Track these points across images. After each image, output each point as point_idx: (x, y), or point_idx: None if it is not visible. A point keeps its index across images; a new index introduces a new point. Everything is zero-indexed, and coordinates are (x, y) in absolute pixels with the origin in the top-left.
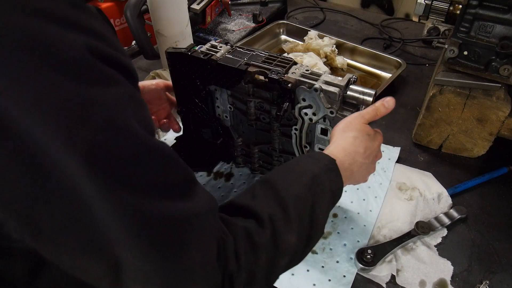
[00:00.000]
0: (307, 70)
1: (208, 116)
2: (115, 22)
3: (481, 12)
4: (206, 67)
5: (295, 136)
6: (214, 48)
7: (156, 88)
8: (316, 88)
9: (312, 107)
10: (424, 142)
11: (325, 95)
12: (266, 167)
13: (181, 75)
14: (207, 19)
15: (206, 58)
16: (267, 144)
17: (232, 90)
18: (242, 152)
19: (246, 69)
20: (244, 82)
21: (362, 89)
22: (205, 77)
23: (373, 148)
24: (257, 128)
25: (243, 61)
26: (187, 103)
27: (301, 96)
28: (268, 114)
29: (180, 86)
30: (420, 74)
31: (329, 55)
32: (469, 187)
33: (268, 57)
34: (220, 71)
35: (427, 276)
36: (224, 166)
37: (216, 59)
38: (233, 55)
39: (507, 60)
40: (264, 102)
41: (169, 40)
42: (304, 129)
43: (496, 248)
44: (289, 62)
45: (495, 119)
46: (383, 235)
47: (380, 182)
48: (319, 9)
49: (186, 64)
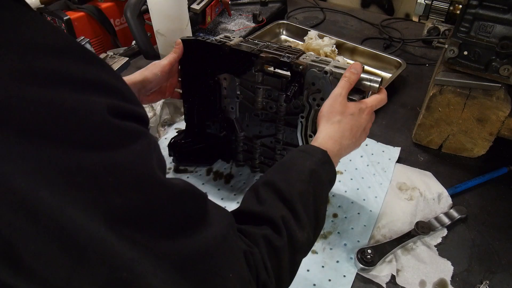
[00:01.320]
0: (317, 57)
1: (214, 107)
2: (115, 22)
3: (481, 12)
4: (219, 54)
5: (301, 124)
6: (227, 39)
7: (161, 64)
8: (326, 70)
9: (321, 92)
10: (424, 142)
11: (335, 78)
12: (267, 163)
13: (191, 63)
14: (207, 19)
15: (220, 44)
16: (271, 136)
17: (242, 78)
18: (244, 148)
19: (259, 54)
20: (255, 70)
21: (369, 76)
22: (217, 64)
23: (359, 125)
24: (262, 120)
25: (256, 48)
26: (194, 95)
27: (311, 80)
28: (275, 102)
29: (189, 76)
30: (420, 74)
31: (329, 55)
32: (469, 187)
33: (279, 47)
34: (232, 57)
35: (427, 276)
36: (224, 166)
37: (229, 45)
38: (246, 44)
39: (507, 60)
40: (272, 90)
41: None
42: (311, 117)
43: (496, 248)
44: (300, 52)
45: (495, 119)
46: (383, 235)
47: (380, 182)
48: (319, 9)
49: (199, 52)
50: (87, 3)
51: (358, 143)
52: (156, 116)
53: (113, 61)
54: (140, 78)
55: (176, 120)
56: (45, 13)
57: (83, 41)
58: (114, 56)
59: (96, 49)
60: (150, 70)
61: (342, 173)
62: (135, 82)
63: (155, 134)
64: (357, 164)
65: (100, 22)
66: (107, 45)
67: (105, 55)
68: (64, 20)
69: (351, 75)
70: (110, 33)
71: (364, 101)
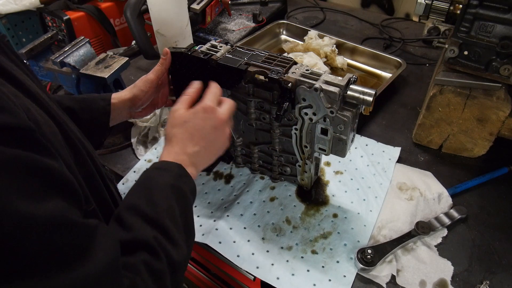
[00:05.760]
0: (307, 70)
1: None
2: (115, 22)
3: (482, 12)
4: (206, 67)
5: (295, 136)
6: (214, 48)
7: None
8: (316, 88)
9: (312, 107)
10: (425, 142)
11: (325, 95)
12: (266, 167)
13: (181, 75)
14: (207, 19)
15: (206, 58)
16: (267, 144)
17: (232, 90)
18: (242, 152)
19: (246, 68)
20: (244, 82)
21: (362, 88)
22: (205, 77)
23: (199, 127)
24: (257, 128)
25: (243, 60)
26: None
27: (301, 96)
28: (268, 114)
29: (180, 86)
30: (420, 74)
31: (329, 55)
32: (469, 187)
33: (268, 56)
34: (220, 70)
35: (427, 276)
36: (224, 167)
37: (216, 58)
38: (233, 55)
39: (508, 60)
40: (264, 102)
41: (169, 40)
42: (304, 129)
43: (496, 248)
44: (289, 62)
45: (496, 119)
46: (383, 235)
47: (381, 182)
48: (319, 9)
49: (186, 64)
50: (87, 3)
51: (215, 144)
52: (156, 116)
53: (113, 61)
54: (129, 96)
55: None
56: (45, 13)
57: (83, 41)
58: (114, 56)
59: (96, 49)
60: (139, 87)
61: (342, 173)
62: (124, 100)
63: (155, 134)
64: (357, 164)
65: (100, 22)
66: (107, 45)
67: (105, 55)
68: (64, 20)
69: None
70: (110, 33)
71: (197, 104)
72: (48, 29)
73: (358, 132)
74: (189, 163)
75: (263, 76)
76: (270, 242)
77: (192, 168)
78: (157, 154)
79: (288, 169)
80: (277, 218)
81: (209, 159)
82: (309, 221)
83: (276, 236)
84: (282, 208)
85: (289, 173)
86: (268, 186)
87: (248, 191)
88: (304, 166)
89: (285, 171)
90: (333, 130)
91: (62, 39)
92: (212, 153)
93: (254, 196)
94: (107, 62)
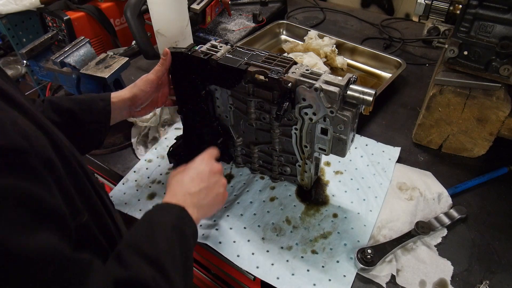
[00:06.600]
0: (307, 70)
1: (209, 116)
2: (115, 22)
3: (481, 12)
4: (206, 67)
5: (295, 135)
6: (214, 48)
7: (149, 79)
8: (316, 87)
9: (312, 107)
10: (424, 142)
11: (325, 94)
12: (266, 167)
13: (181, 75)
14: (207, 19)
15: (206, 58)
16: (267, 144)
17: (232, 90)
18: (242, 152)
19: (246, 68)
20: (244, 82)
21: (362, 88)
22: (205, 77)
23: (204, 166)
24: (257, 128)
25: (243, 60)
26: (188, 103)
27: (301, 95)
28: (268, 113)
29: (181, 86)
30: (420, 74)
31: (329, 55)
32: (469, 187)
33: (268, 56)
34: (220, 71)
35: (427, 276)
36: (224, 166)
37: (216, 58)
38: (233, 55)
39: (507, 60)
40: (264, 102)
41: (169, 40)
42: (304, 128)
43: (496, 248)
44: (289, 62)
45: (495, 119)
46: (383, 235)
47: (381, 182)
48: (319, 9)
49: (186, 64)
50: (87, 3)
51: (215, 187)
52: (156, 116)
53: (113, 61)
54: (129, 95)
55: (176, 120)
56: (45, 13)
57: (83, 41)
58: (114, 56)
59: (96, 49)
60: (139, 87)
61: (342, 173)
62: (124, 100)
63: (155, 134)
64: (357, 164)
65: (100, 22)
66: (107, 45)
67: (105, 55)
68: (64, 20)
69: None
70: (110, 33)
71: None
72: (48, 29)
73: (358, 132)
74: (190, 203)
75: (263, 76)
76: (270, 242)
77: (193, 209)
78: (157, 154)
79: (288, 169)
80: (277, 218)
81: (210, 203)
82: (309, 221)
83: (276, 236)
84: (282, 208)
85: (289, 173)
86: (268, 186)
87: (248, 191)
88: (304, 166)
89: (285, 171)
90: (333, 130)
91: (62, 39)
92: (212, 196)
93: (254, 196)
94: (107, 62)
